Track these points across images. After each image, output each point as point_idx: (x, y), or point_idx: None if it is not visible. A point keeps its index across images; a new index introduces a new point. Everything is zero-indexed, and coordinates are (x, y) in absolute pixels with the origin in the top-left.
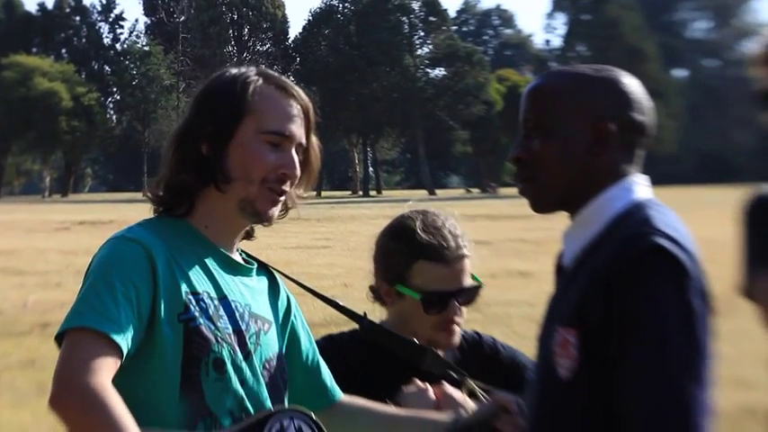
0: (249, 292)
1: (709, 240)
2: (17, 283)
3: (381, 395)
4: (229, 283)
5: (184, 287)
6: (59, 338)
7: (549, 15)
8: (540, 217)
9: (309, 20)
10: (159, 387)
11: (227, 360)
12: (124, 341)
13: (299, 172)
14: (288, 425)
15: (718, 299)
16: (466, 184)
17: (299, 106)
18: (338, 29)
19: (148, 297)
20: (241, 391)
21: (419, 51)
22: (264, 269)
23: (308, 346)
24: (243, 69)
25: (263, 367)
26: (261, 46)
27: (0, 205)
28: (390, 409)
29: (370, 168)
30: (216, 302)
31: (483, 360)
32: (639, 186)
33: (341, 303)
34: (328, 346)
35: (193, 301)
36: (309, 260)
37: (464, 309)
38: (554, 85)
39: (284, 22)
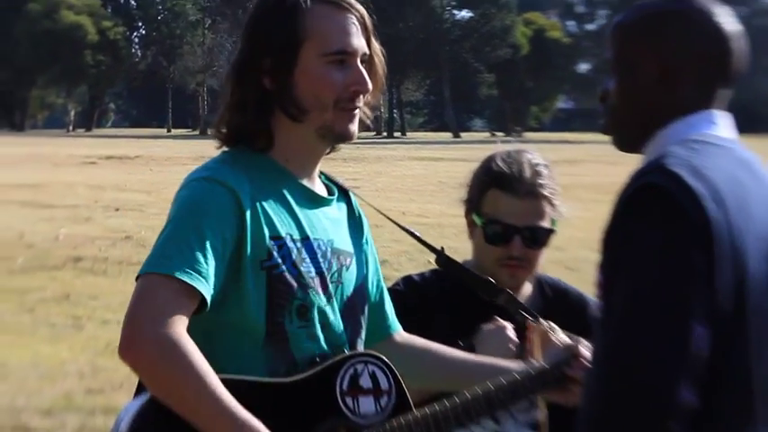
0: (332, 226)
1: None
2: (46, 216)
3: (457, 335)
4: (312, 219)
5: (267, 232)
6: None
7: None
8: (566, 162)
9: None
10: (244, 336)
11: (309, 306)
12: (208, 291)
13: (370, 85)
14: (362, 370)
15: None
16: (489, 127)
17: (354, 16)
18: None
19: (234, 245)
20: (322, 335)
21: None
22: (344, 193)
23: (375, 272)
24: None
25: (345, 305)
26: None
27: (24, 138)
28: (456, 352)
29: (395, 110)
30: (299, 245)
31: (568, 311)
32: (705, 122)
33: (419, 234)
34: (407, 288)
35: (276, 246)
36: None
37: (537, 252)
38: (629, 20)
39: None
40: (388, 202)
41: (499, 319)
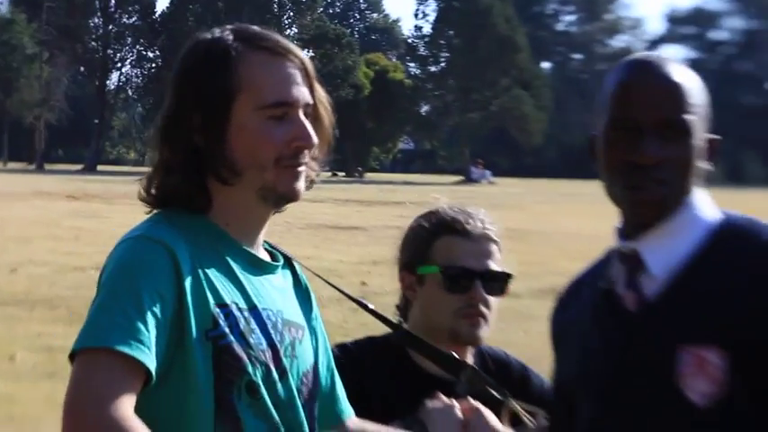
0: (279, 295)
1: (575, 234)
2: None
3: (399, 411)
4: (258, 287)
5: (211, 298)
6: (73, 356)
7: (420, 1)
8: (415, 206)
9: None
10: (191, 413)
11: (261, 382)
12: (152, 363)
13: (315, 139)
14: None
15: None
16: (330, 167)
17: (293, 63)
18: (206, 5)
19: (175, 310)
20: (276, 416)
21: (288, 32)
22: (288, 262)
23: (325, 352)
24: (217, 34)
25: (301, 382)
26: (128, 19)
27: None
28: None
29: None
30: (246, 314)
31: (510, 386)
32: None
33: (372, 307)
34: (342, 356)
35: (222, 314)
36: None
37: (492, 302)
38: (692, 82)
39: None
40: None
41: (442, 395)
